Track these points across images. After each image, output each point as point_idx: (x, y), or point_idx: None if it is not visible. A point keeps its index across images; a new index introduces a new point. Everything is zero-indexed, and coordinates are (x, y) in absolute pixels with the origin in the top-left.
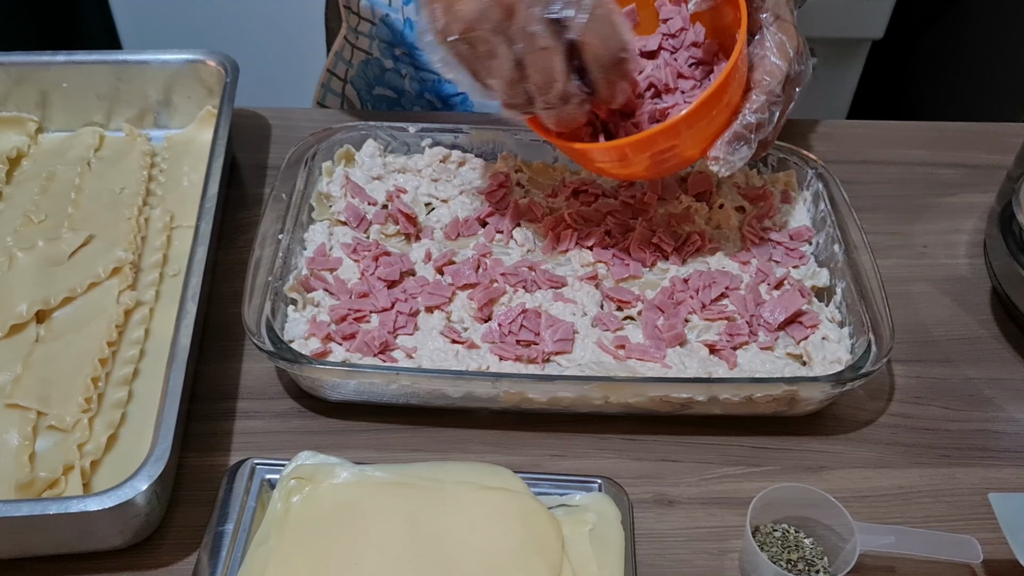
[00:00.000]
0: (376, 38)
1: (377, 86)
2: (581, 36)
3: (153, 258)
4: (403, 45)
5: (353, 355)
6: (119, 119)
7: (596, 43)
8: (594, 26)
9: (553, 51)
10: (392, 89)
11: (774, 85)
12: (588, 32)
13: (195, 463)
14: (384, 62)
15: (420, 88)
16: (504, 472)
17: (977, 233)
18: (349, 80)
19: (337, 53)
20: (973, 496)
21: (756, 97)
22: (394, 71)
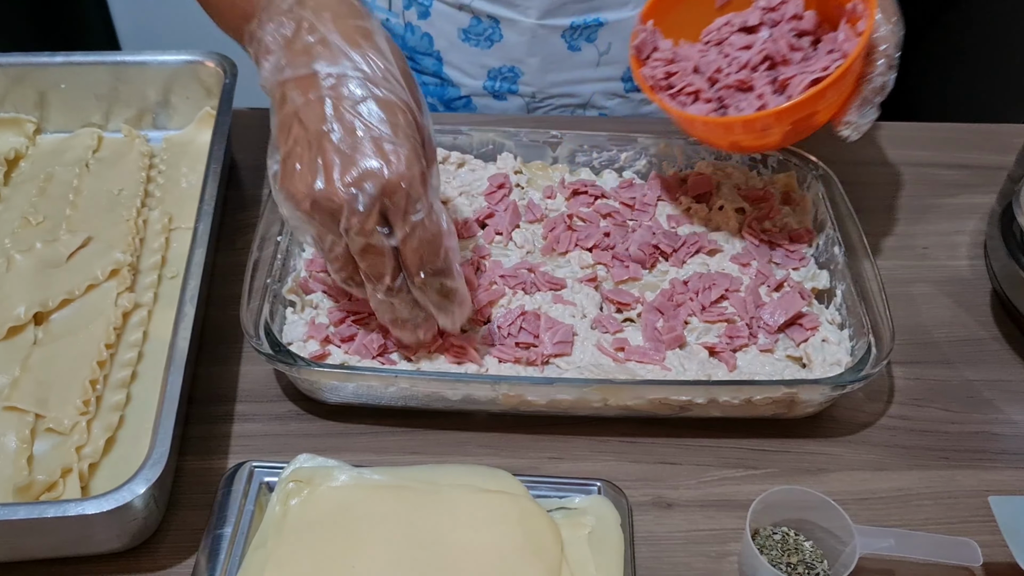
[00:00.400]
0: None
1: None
2: (400, 248)
3: (151, 260)
4: (404, 49)
5: (351, 357)
6: (117, 120)
7: (409, 257)
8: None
9: (382, 251)
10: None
11: (891, 50)
12: (406, 246)
13: (193, 466)
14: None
15: (423, 92)
16: (503, 475)
17: (978, 234)
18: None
19: None
20: (973, 498)
21: (879, 62)
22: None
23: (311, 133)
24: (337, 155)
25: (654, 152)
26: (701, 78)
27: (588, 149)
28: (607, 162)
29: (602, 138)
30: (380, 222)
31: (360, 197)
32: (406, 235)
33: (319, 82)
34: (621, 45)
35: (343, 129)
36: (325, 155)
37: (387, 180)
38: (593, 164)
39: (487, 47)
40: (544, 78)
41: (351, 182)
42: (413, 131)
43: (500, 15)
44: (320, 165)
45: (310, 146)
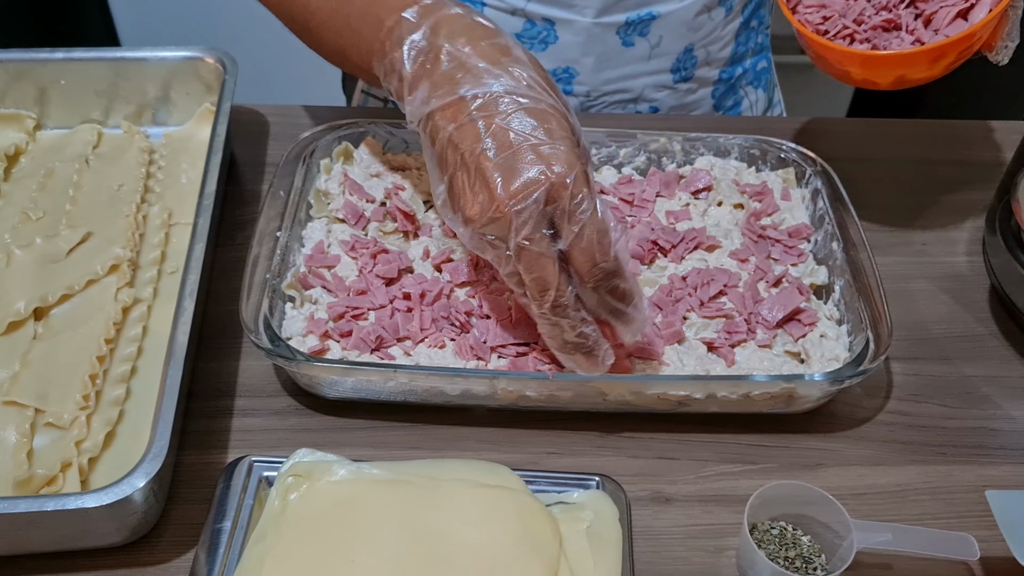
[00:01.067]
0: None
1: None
2: (569, 251)
3: (151, 255)
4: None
5: (350, 352)
6: (117, 116)
7: (579, 258)
8: (581, 243)
9: (547, 258)
10: None
11: None
12: (575, 248)
13: (192, 460)
14: None
15: None
16: (501, 470)
17: (976, 231)
18: (391, 102)
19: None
20: (970, 493)
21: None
22: None
23: (468, 156)
24: (497, 170)
25: (653, 148)
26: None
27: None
28: (606, 158)
29: (601, 134)
30: (547, 228)
31: (526, 206)
32: (574, 236)
33: (466, 106)
34: (670, 37)
35: (498, 144)
36: (485, 174)
37: (551, 183)
38: (592, 160)
39: (541, 50)
40: (598, 76)
41: (515, 193)
42: (567, 132)
43: (556, 16)
44: (482, 184)
45: (468, 169)
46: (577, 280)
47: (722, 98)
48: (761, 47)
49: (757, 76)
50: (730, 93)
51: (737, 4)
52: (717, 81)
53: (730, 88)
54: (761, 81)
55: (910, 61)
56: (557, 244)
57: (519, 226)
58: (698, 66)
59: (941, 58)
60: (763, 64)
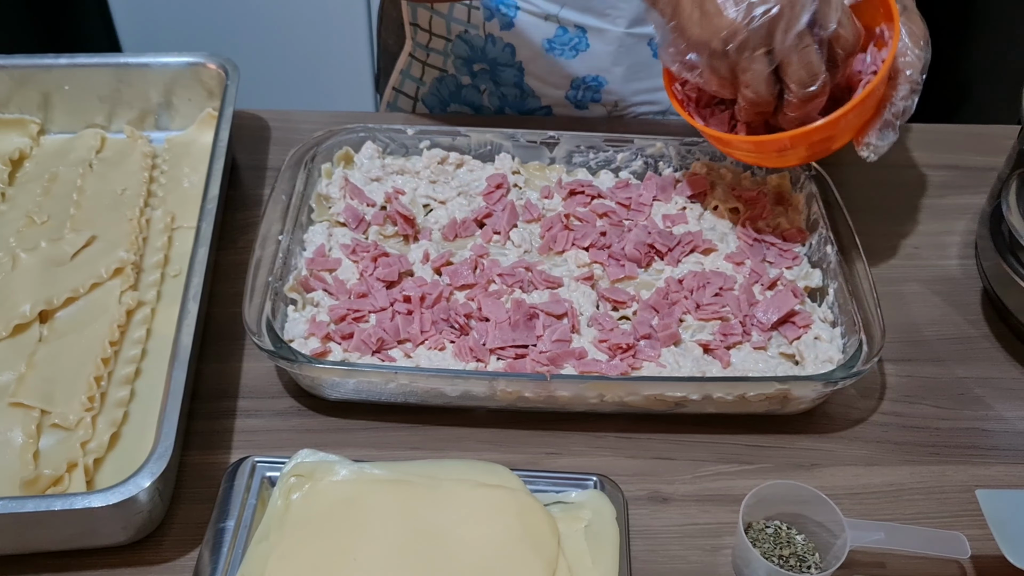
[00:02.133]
0: (451, 55)
1: (452, 103)
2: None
3: (154, 258)
4: (483, 61)
5: (352, 354)
6: (120, 121)
7: (845, 35)
8: (844, 21)
9: (813, 50)
10: (469, 106)
11: (916, 75)
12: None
13: (196, 461)
14: (461, 78)
15: (500, 104)
16: (501, 470)
17: (968, 234)
18: (420, 98)
19: (403, 71)
20: (962, 493)
21: (902, 87)
22: (472, 87)
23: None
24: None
25: (649, 153)
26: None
27: (585, 150)
28: (603, 163)
29: (598, 139)
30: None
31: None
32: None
33: None
34: None
35: None
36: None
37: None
38: (590, 164)
39: (572, 57)
40: (628, 87)
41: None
42: None
43: (589, 24)
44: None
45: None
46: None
47: None
48: None
49: None
50: None
51: None
52: None
53: None
54: None
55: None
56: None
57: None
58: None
59: (784, 150)
60: None
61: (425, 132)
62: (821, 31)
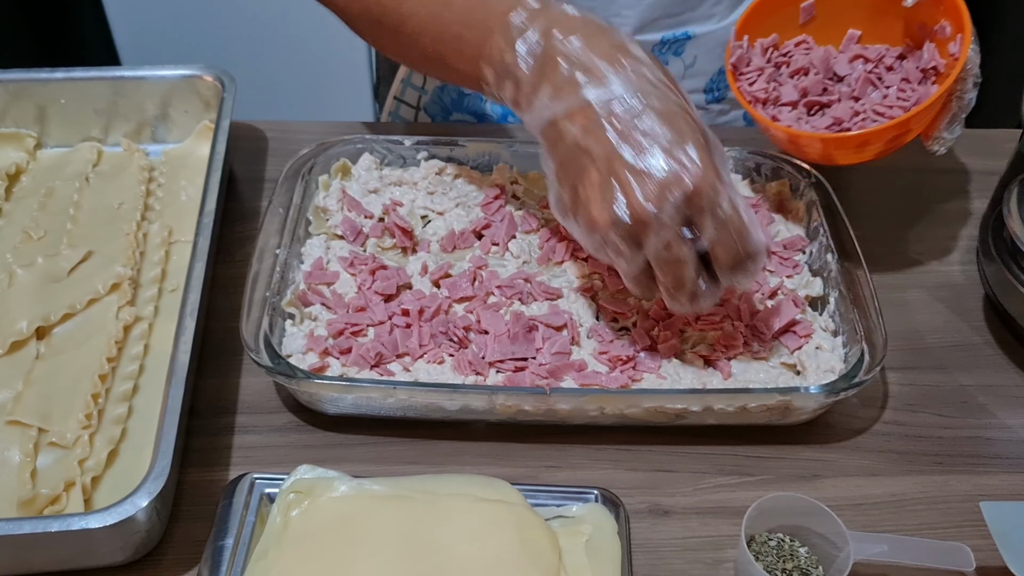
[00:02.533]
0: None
1: (455, 111)
2: (711, 248)
3: (152, 273)
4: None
5: (350, 369)
6: (117, 134)
7: (722, 254)
8: (724, 238)
9: (685, 262)
10: (472, 114)
11: (976, 68)
12: (717, 244)
13: (195, 478)
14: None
15: (503, 112)
16: (500, 484)
17: (970, 240)
18: (423, 107)
19: (404, 80)
20: (966, 503)
21: (967, 81)
22: (475, 95)
23: (599, 159)
24: (631, 174)
25: None
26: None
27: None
28: None
29: None
30: (684, 227)
31: (666, 210)
32: (715, 235)
33: (593, 109)
34: (705, 57)
35: (631, 147)
36: (619, 177)
37: (689, 186)
38: None
39: None
40: None
41: (653, 197)
42: (695, 131)
43: None
44: (616, 188)
45: (600, 172)
46: (716, 268)
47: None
48: None
49: None
50: None
51: None
52: None
53: None
54: None
55: (835, 144)
56: (697, 243)
57: (659, 230)
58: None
59: (866, 144)
60: None
61: (423, 143)
62: (696, 242)
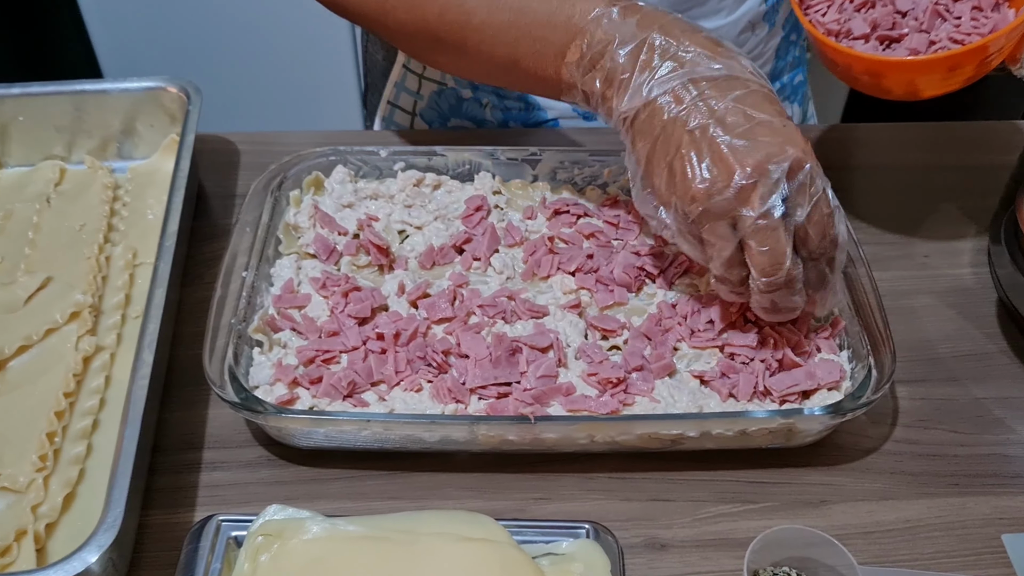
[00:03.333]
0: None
1: (453, 117)
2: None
3: (114, 299)
4: None
5: (321, 400)
6: (80, 151)
7: (813, 234)
8: (816, 216)
9: (781, 234)
10: (471, 120)
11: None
12: (809, 223)
13: (158, 520)
14: (461, 92)
15: (504, 117)
16: (485, 520)
17: (981, 240)
18: (418, 112)
19: (398, 84)
20: (985, 528)
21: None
22: (473, 100)
23: (699, 133)
24: (730, 148)
25: None
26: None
27: (569, 165)
28: (590, 178)
29: (583, 154)
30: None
31: (768, 179)
32: (809, 211)
33: (693, 86)
34: None
35: (729, 121)
36: (717, 149)
37: (793, 158)
38: (575, 180)
39: None
40: None
41: (754, 166)
42: (786, 115)
43: None
44: (717, 159)
45: (697, 145)
46: (803, 252)
47: None
48: (799, 60)
49: (795, 90)
50: None
51: (779, 19)
52: None
53: None
54: (798, 95)
55: (923, 68)
56: (790, 219)
57: (762, 196)
58: None
59: (956, 68)
60: (799, 78)
61: (399, 153)
62: (789, 219)
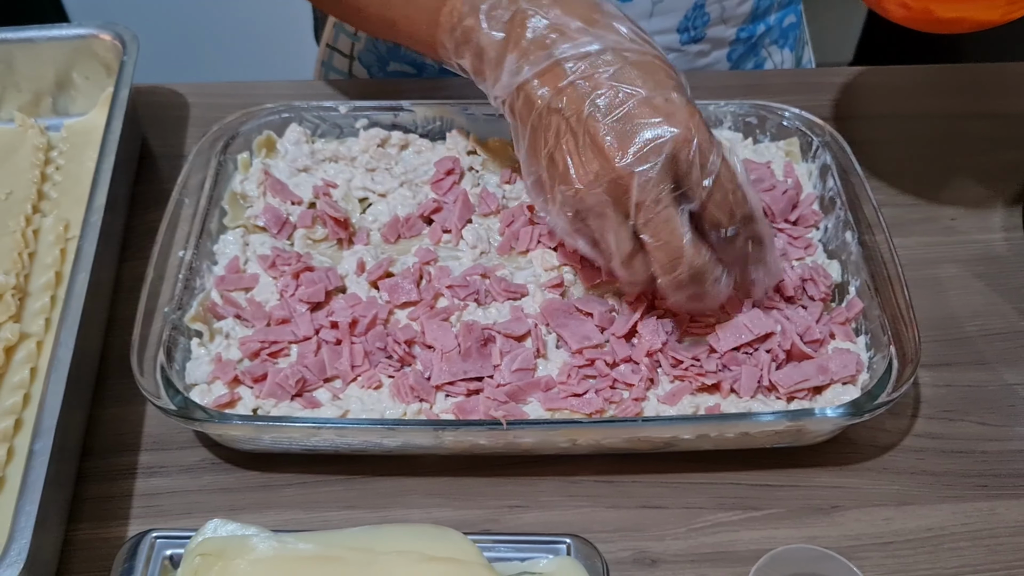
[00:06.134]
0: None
1: (392, 61)
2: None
3: (43, 279)
4: None
5: (265, 401)
6: (9, 107)
7: (717, 213)
8: (717, 196)
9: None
10: (410, 64)
11: None
12: (710, 203)
13: (86, 536)
14: None
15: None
16: (452, 535)
17: (1015, 200)
18: (356, 56)
19: (337, 24)
20: (1017, 537)
21: None
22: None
23: (573, 120)
24: (611, 132)
25: None
26: None
27: None
28: None
29: None
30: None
31: (651, 166)
32: (708, 190)
33: (565, 69)
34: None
35: (608, 103)
36: (596, 137)
37: (674, 138)
38: None
39: None
40: None
41: (636, 153)
42: (676, 81)
43: None
44: (595, 150)
45: (576, 135)
46: (713, 232)
47: (740, 61)
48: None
49: (783, 33)
50: (750, 55)
51: None
52: (734, 41)
53: (751, 49)
54: (788, 39)
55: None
56: (686, 203)
57: (644, 187)
58: (711, 24)
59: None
60: (791, 19)
61: (361, 109)
62: (685, 203)
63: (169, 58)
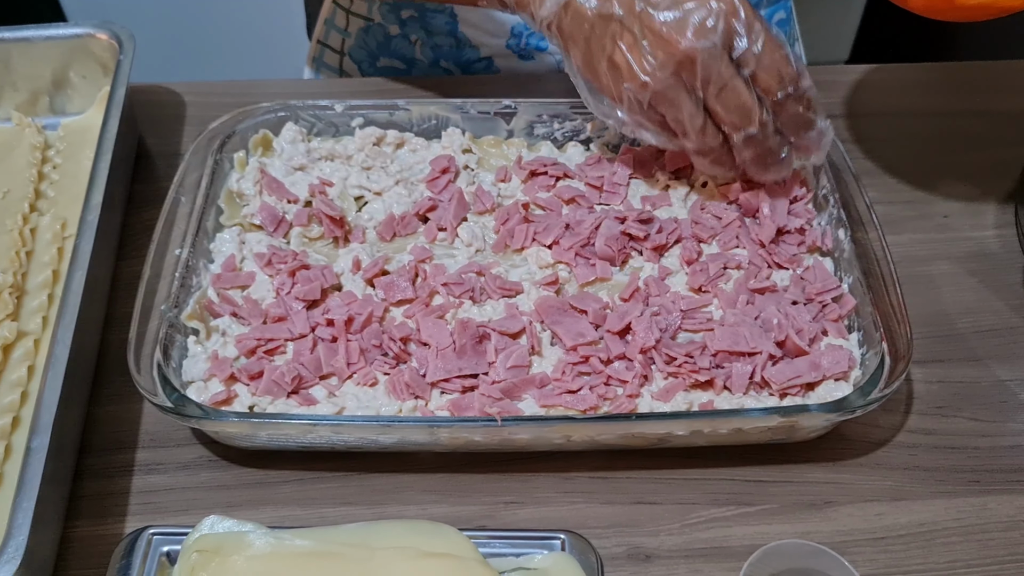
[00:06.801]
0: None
1: (382, 56)
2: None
3: (40, 277)
4: (411, 7)
5: (262, 398)
6: (7, 106)
7: (767, 79)
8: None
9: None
10: (400, 59)
11: None
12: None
13: (84, 534)
14: (389, 28)
15: (434, 56)
16: (448, 531)
17: (1007, 197)
18: (347, 52)
19: (327, 20)
20: (1009, 531)
21: None
22: (401, 37)
23: (628, 19)
24: (666, 20)
25: None
26: None
27: (548, 119)
28: (571, 133)
29: (563, 106)
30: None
31: (709, 40)
32: (758, 56)
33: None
34: None
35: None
36: (653, 26)
37: (725, 11)
38: (555, 136)
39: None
40: None
41: (693, 33)
42: None
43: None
44: (655, 38)
45: (631, 32)
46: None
47: None
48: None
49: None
50: None
51: None
52: None
53: None
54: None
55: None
56: (743, 70)
57: (708, 62)
58: None
59: None
60: (781, 15)
61: (357, 107)
62: (742, 70)
63: (166, 57)
